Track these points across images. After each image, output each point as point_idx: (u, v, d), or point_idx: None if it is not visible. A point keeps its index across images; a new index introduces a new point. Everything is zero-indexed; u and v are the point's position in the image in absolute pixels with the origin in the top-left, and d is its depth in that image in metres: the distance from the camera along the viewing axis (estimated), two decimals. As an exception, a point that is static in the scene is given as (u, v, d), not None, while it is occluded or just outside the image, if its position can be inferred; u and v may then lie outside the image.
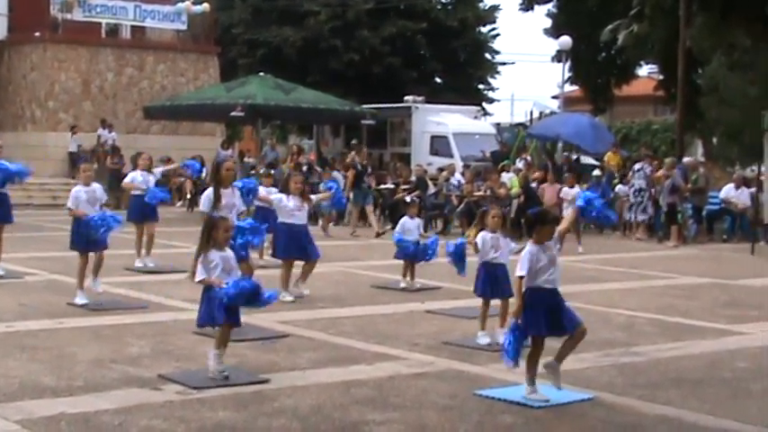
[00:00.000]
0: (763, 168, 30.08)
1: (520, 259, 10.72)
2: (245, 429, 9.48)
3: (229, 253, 11.43)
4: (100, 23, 44.06)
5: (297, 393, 10.79)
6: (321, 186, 22.61)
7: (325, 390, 11.02)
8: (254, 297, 11.10)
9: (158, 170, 22.04)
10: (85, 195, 16.47)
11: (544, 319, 10.62)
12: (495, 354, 13.00)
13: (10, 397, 10.35)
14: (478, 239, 13.95)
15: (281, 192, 17.79)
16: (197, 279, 11.32)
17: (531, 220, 11.24)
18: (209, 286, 11.22)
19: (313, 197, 18.84)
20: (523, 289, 10.71)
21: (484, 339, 13.61)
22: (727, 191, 30.32)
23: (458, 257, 13.65)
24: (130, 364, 12.04)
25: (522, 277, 10.60)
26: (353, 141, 42.21)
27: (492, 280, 13.62)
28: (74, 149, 40.48)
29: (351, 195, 30.20)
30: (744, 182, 30.61)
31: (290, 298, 16.74)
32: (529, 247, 10.78)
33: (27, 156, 37.46)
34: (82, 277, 16.24)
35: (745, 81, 31.73)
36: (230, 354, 11.31)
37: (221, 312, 11.08)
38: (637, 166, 31.20)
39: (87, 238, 16.28)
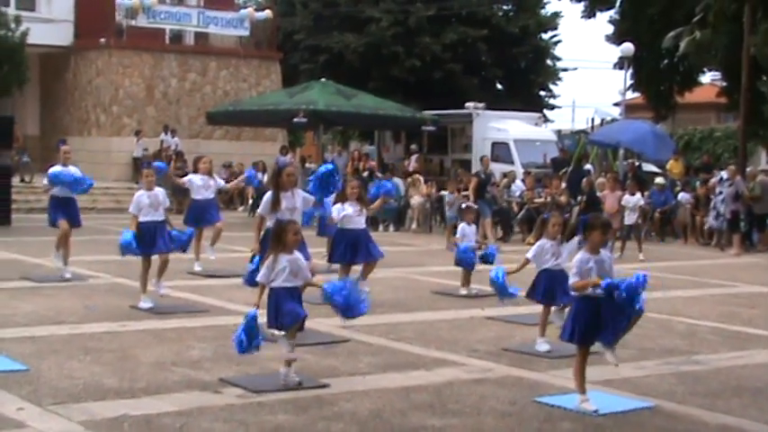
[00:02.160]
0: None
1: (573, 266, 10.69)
2: (305, 433, 9.51)
3: (297, 255, 11.42)
4: (164, 29, 44.34)
5: (356, 398, 10.82)
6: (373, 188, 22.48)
7: (384, 395, 11.04)
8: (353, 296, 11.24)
9: (219, 182, 22.01)
10: (148, 200, 16.58)
11: (590, 328, 10.51)
12: (554, 360, 13.00)
13: (74, 398, 10.43)
14: (535, 249, 13.95)
15: (337, 200, 17.82)
16: (258, 278, 11.36)
17: (582, 228, 11.13)
18: (274, 290, 11.23)
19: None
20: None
21: (543, 346, 13.58)
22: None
23: (500, 286, 13.39)
24: (192, 367, 12.10)
25: (572, 287, 10.61)
26: (413, 146, 42.35)
27: (552, 287, 13.59)
28: (138, 154, 40.68)
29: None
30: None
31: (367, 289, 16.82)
32: (580, 254, 10.73)
33: (91, 160, 37.83)
34: (145, 281, 16.35)
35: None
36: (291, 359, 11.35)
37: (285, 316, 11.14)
38: (724, 176, 31.00)
39: (151, 242, 16.43)
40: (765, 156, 44.32)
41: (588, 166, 36.07)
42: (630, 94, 52.67)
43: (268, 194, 15.55)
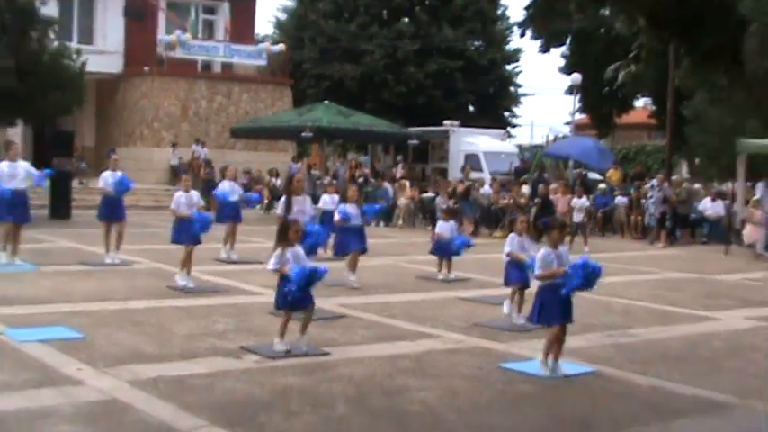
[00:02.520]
0: (735, 185, 30.07)
1: (536, 261, 10.77)
2: (310, 392, 9.50)
3: (299, 248, 11.46)
4: (196, 60, 44.28)
5: (352, 364, 10.81)
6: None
7: (375, 361, 11.04)
8: (313, 275, 11.19)
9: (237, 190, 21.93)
10: (185, 200, 16.64)
11: (558, 311, 10.61)
12: (516, 333, 13.02)
13: (121, 361, 10.43)
14: (508, 240, 14.05)
15: (341, 200, 17.91)
16: (269, 268, 11.39)
17: (543, 228, 11.27)
18: (282, 276, 11.27)
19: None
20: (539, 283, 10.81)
21: (508, 308, 13.77)
22: (705, 203, 30.30)
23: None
24: (217, 337, 12.09)
25: (537, 277, 10.71)
26: (399, 157, 42.38)
27: (519, 273, 13.64)
28: (175, 162, 40.67)
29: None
30: (719, 195, 30.63)
31: (356, 284, 16.86)
32: (543, 250, 10.80)
33: (136, 167, 37.77)
34: (181, 267, 16.34)
35: (722, 113, 31.61)
36: (297, 330, 11.33)
37: (302, 300, 11.18)
38: (653, 183, 31.18)
39: (186, 233, 16.44)
40: (687, 167, 44.35)
41: (545, 175, 36.09)
42: (578, 116, 52.73)
43: (283, 199, 15.65)
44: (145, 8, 43.52)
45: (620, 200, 32.66)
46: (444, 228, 18.77)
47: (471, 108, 54.72)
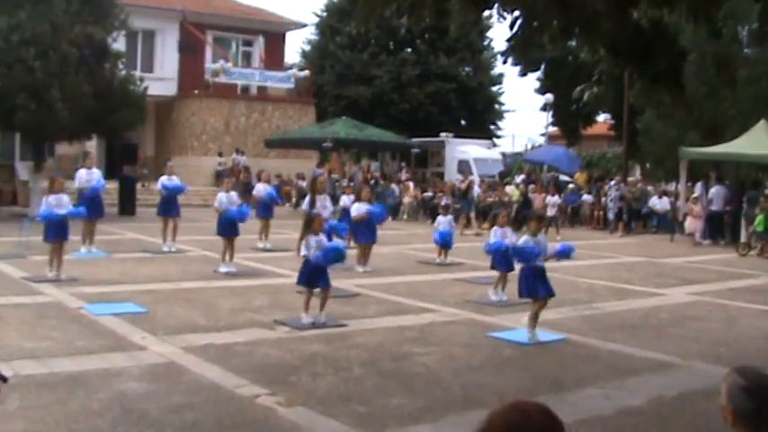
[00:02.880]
0: (678, 185, 30.21)
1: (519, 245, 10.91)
2: (332, 357, 9.54)
3: (322, 236, 11.52)
4: (236, 84, 44.28)
5: (366, 334, 10.86)
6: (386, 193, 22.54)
7: (385, 331, 11.08)
8: (337, 253, 11.25)
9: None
10: (226, 199, 16.69)
11: (539, 286, 10.69)
12: (501, 307, 13.06)
13: (177, 331, 10.49)
14: (492, 232, 14.10)
15: (355, 199, 17.96)
16: (302, 253, 11.46)
17: (523, 220, 11.48)
18: (307, 260, 11.33)
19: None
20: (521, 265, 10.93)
21: (495, 297, 13.70)
22: (653, 199, 30.39)
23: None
24: (255, 312, 12.14)
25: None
26: (403, 163, 42.36)
27: (503, 258, 13.67)
28: (220, 168, 40.64)
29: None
30: (664, 193, 30.74)
31: (360, 269, 16.87)
32: (525, 237, 10.90)
33: (187, 172, 37.77)
34: (224, 254, 16.39)
35: (667, 126, 31.63)
36: (318, 307, 11.39)
37: (317, 280, 11.25)
38: (612, 184, 31.31)
39: (228, 227, 16.51)
40: (639, 170, 44.25)
41: (522, 176, 36.08)
42: (551, 128, 52.59)
43: (308, 197, 15.72)
44: (195, 43, 43.57)
45: (586, 197, 32.69)
46: (442, 221, 18.82)
47: (463, 122, 54.56)
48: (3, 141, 36.79)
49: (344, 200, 19.10)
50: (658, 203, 30.17)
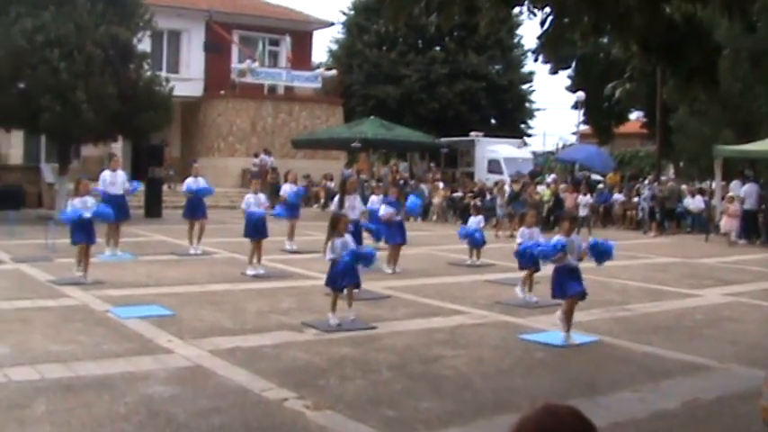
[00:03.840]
0: (713, 184, 30.01)
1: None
2: (360, 360, 9.53)
3: (348, 237, 11.51)
4: (263, 84, 44.38)
5: (395, 336, 10.84)
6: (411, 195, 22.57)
7: (414, 334, 11.07)
8: (362, 256, 11.26)
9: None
10: (254, 200, 16.73)
11: (570, 284, 10.64)
12: (533, 309, 13.00)
13: (203, 334, 10.53)
14: (519, 233, 14.05)
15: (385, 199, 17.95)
16: (327, 258, 11.45)
17: (558, 219, 11.43)
18: (333, 261, 11.33)
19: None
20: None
21: (530, 297, 13.66)
22: (687, 198, 30.26)
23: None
24: (282, 314, 12.16)
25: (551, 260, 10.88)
26: (432, 164, 42.34)
27: (530, 258, 13.61)
28: (255, 169, 40.62)
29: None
30: (699, 192, 30.56)
31: (389, 271, 16.84)
32: (557, 237, 10.85)
33: (214, 174, 37.97)
34: (251, 256, 16.42)
35: (702, 124, 31.46)
36: (345, 308, 11.39)
37: (342, 280, 11.25)
38: (646, 183, 31.18)
39: (255, 229, 16.54)
40: (673, 169, 44.02)
41: (553, 176, 35.96)
42: (583, 127, 52.41)
43: (336, 197, 15.74)
44: (221, 43, 43.74)
45: (617, 197, 32.55)
46: (472, 221, 18.80)
47: (493, 121, 54.48)
48: (28, 143, 37.12)
49: (373, 200, 19.09)
50: (692, 202, 30.00)
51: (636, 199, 31.58)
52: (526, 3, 9.48)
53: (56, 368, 8.72)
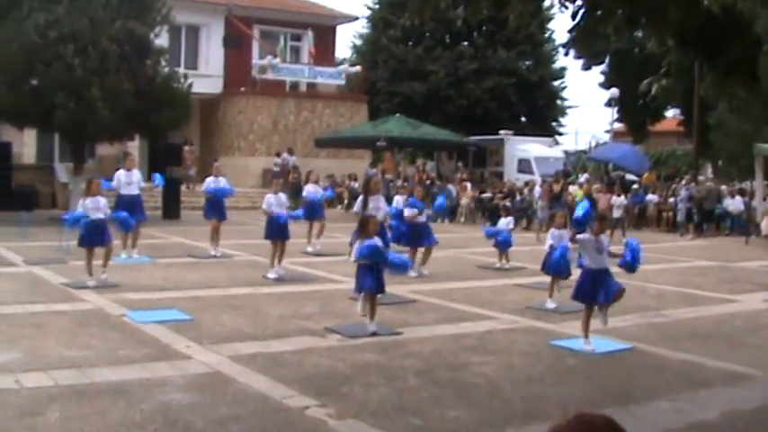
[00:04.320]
0: (753, 183, 29.82)
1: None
2: (385, 367, 9.53)
3: (376, 239, 11.47)
4: (285, 81, 44.47)
5: (421, 342, 10.83)
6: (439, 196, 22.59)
7: (441, 339, 11.05)
8: (378, 252, 11.19)
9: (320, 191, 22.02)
10: (275, 200, 16.74)
11: (593, 293, 10.58)
12: (564, 315, 12.95)
13: (224, 339, 10.55)
14: (549, 234, 13.99)
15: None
16: (353, 259, 11.45)
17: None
18: (359, 265, 11.32)
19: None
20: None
21: (551, 305, 13.54)
22: (727, 199, 30.09)
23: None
24: (305, 319, 12.17)
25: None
26: (459, 163, 42.31)
27: (561, 262, 13.56)
28: (276, 169, 40.63)
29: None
30: (739, 192, 30.35)
31: (413, 274, 16.79)
32: (587, 234, 10.81)
33: (235, 173, 38.07)
34: (272, 259, 16.44)
35: (742, 121, 31.30)
36: (378, 314, 11.38)
37: (367, 282, 11.21)
38: (683, 183, 31.01)
39: (277, 230, 16.56)
40: (711, 168, 43.85)
41: (586, 175, 35.85)
42: (617, 124, 52.24)
43: (360, 198, 15.72)
44: (241, 38, 43.86)
45: (651, 197, 32.39)
46: (502, 223, 18.78)
47: (523, 119, 54.43)
48: (41, 142, 37.28)
49: (398, 200, 19.07)
50: (732, 203, 29.82)
51: (672, 200, 31.41)
52: (557, -5, 9.44)
53: (70, 374, 8.77)
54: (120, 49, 27.22)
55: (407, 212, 17.27)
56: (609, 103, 47.20)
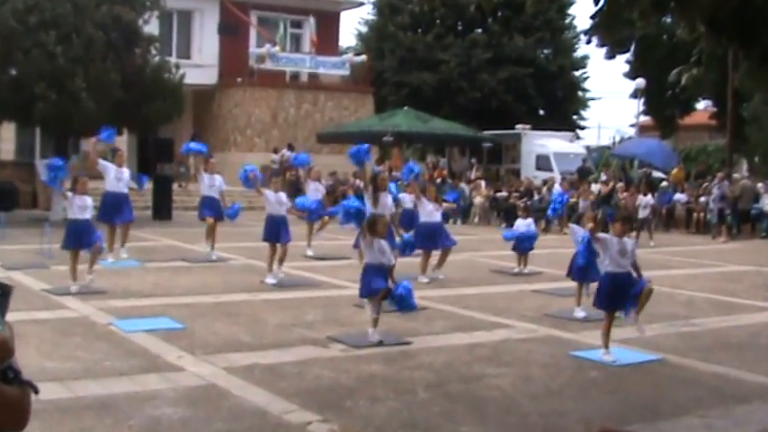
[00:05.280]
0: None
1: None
2: (393, 379, 9.53)
3: (384, 242, 11.44)
4: (285, 71, 44.49)
5: (432, 353, 10.83)
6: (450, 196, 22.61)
7: (453, 350, 11.04)
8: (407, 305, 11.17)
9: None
10: (275, 199, 16.74)
11: (614, 299, 10.54)
12: (586, 323, 12.93)
13: (218, 350, 10.56)
14: (575, 233, 13.90)
15: (417, 198, 17.83)
16: (365, 261, 11.41)
17: (608, 221, 11.36)
18: (367, 266, 11.30)
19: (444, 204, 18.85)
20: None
21: (580, 313, 13.48)
22: (764, 198, 29.99)
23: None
24: (306, 327, 12.17)
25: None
26: (474, 159, 42.29)
27: (587, 268, 13.51)
28: (275, 167, 40.61)
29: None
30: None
31: (425, 280, 16.78)
32: (610, 235, 10.75)
33: (230, 170, 38.02)
34: (270, 263, 16.43)
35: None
36: (382, 322, 11.35)
37: (379, 283, 11.15)
38: (715, 181, 30.91)
39: (277, 232, 16.55)
40: (746, 165, 43.78)
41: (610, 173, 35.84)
42: (643, 118, 52.16)
43: (367, 196, 15.71)
44: (237, 25, 43.90)
45: (680, 196, 32.30)
46: (520, 224, 18.76)
47: (541, 112, 54.38)
48: (21, 136, 37.23)
49: (405, 199, 19.07)
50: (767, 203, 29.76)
51: (703, 199, 31.32)
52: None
53: (52, 388, 8.75)
54: (106, 36, 27.22)
55: (445, 205, 17.36)
56: (634, 95, 47.08)
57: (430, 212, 17.30)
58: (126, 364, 9.78)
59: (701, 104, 53.23)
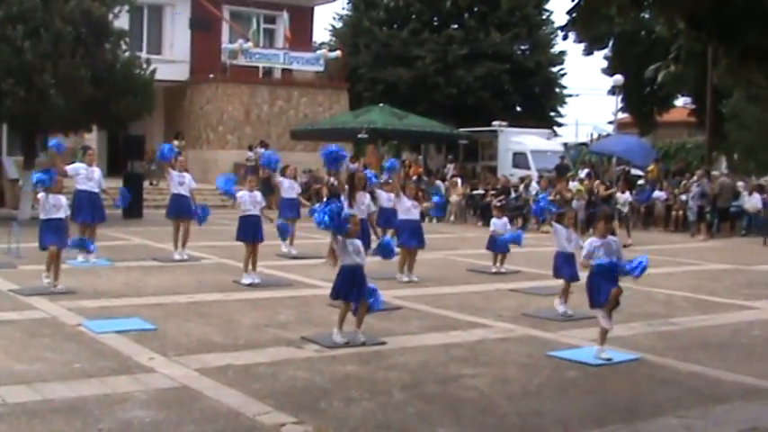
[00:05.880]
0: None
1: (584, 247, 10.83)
2: (368, 380, 9.51)
3: (357, 242, 11.42)
4: (258, 67, 44.43)
5: (407, 353, 10.82)
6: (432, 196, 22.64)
7: (429, 350, 11.04)
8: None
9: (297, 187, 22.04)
10: (249, 199, 16.68)
11: (605, 288, 10.57)
12: (563, 322, 12.97)
13: (190, 351, 10.52)
14: (558, 232, 13.90)
15: (396, 196, 17.79)
16: (340, 264, 11.33)
17: (591, 219, 11.39)
18: (341, 268, 11.27)
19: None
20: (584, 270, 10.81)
21: (560, 308, 13.53)
22: (744, 196, 30.11)
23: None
24: (280, 328, 12.15)
25: (583, 259, 10.77)
26: (450, 156, 42.32)
27: (567, 264, 13.56)
28: (250, 164, 40.45)
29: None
30: (758, 189, 30.36)
31: (405, 279, 16.80)
32: (591, 239, 10.81)
33: (203, 168, 38.08)
34: (246, 262, 16.38)
35: (759, 110, 31.38)
36: (354, 322, 11.34)
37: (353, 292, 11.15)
38: (695, 178, 30.96)
39: (253, 232, 16.51)
40: (726, 162, 44.00)
41: (587, 170, 35.90)
42: (621, 115, 52.36)
43: (347, 193, 15.68)
44: (209, 19, 43.79)
45: (658, 194, 32.39)
46: (497, 224, 18.79)
47: (518, 108, 54.48)
48: (-14, 134, 37.07)
49: (382, 197, 19.04)
50: (749, 201, 29.86)
51: (682, 197, 31.42)
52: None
53: (20, 391, 8.71)
54: (75, 31, 27.05)
55: (425, 204, 17.39)
56: (612, 92, 47.23)
57: (407, 209, 17.27)
58: (96, 366, 9.73)
59: (680, 101, 53.54)
